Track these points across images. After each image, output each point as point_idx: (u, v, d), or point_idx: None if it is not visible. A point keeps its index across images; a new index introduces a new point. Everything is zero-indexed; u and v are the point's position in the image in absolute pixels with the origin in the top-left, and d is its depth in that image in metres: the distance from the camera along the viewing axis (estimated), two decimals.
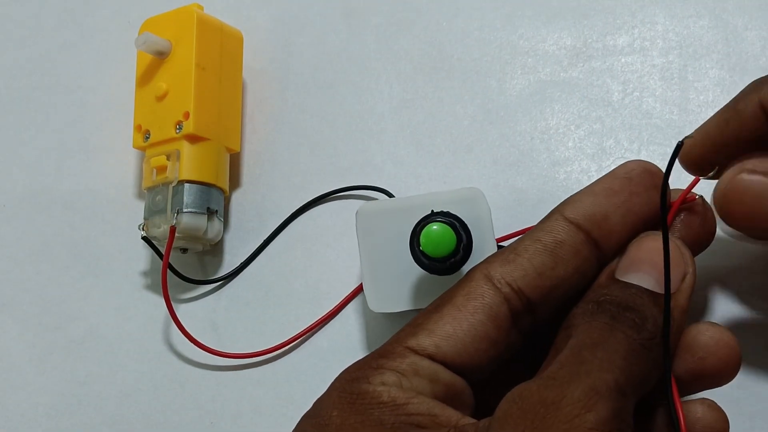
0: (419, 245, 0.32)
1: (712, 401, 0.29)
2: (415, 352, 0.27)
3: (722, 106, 0.32)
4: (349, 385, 0.27)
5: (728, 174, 0.31)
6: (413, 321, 0.29)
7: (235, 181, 0.44)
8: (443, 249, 0.32)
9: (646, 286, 0.28)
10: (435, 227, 0.32)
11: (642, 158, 0.39)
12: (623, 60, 0.42)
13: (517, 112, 0.42)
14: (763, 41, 0.41)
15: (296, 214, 0.42)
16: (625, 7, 0.43)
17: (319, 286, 0.41)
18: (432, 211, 0.33)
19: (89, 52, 0.48)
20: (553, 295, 0.29)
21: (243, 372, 0.40)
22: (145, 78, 0.43)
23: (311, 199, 0.42)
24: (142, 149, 0.42)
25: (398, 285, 0.35)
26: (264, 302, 0.41)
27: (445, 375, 0.27)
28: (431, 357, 0.27)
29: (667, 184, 0.28)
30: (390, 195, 0.41)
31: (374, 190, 0.41)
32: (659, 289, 0.28)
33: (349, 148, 0.43)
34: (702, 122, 0.32)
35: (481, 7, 0.44)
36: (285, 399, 0.39)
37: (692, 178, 0.32)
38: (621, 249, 0.30)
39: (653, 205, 0.30)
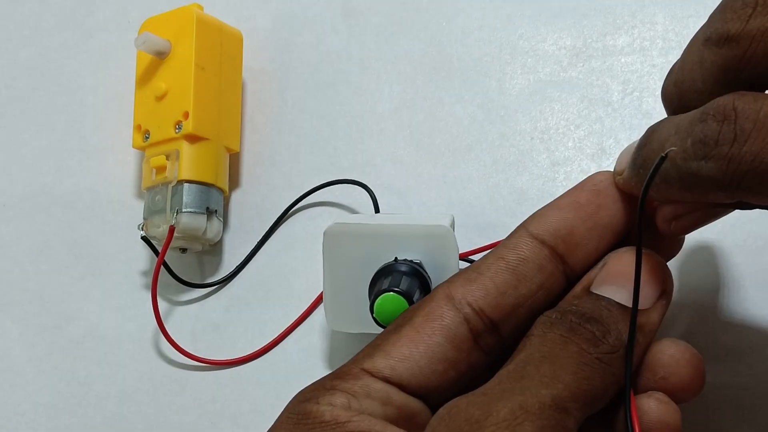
0: (373, 311, 0.32)
1: (662, 394, 0.28)
2: (370, 374, 0.27)
3: None
4: (298, 405, 0.27)
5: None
6: (373, 341, 0.29)
7: (234, 181, 0.44)
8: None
9: (618, 300, 0.28)
10: (389, 298, 0.32)
11: None
12: (623, 60, 0.42)
13: (517, 112, 0.42)
14: None
15: (285, 212, 0.42)
16: (625, 7, 0.43)
17: (318, 287, 0.41)
18: (396, 258, 0.34)
19: (89, 52, 0.48)
20: (516, 313, 0.28)
21: (243, 372, 0.40)
22: (144, 78, 0.43)
23: (296, 198, 0.42)
24: (142, 149, 0.42)
25: (358, 308, 0.35)
26: (264, 302, 0.41)
27: (399, 397, 0.27)
28: (386, 379, 0.27)
29: (645, 200, 0.27)
30: (367, 188, 0.41)
31: (353, 184, 0.41)
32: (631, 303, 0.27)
33: (348, 148, 0.43)
34: None
35: (481, 7, 0.44)
36: (285, 399, 0.39)
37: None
38: (590, 262, 0.29)
39: (622, 218, 0.29)
